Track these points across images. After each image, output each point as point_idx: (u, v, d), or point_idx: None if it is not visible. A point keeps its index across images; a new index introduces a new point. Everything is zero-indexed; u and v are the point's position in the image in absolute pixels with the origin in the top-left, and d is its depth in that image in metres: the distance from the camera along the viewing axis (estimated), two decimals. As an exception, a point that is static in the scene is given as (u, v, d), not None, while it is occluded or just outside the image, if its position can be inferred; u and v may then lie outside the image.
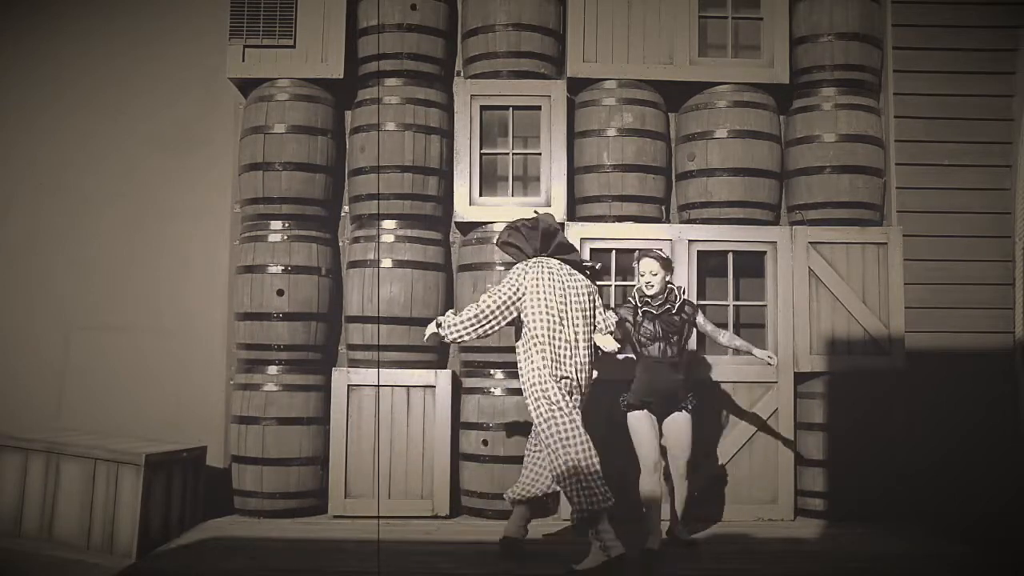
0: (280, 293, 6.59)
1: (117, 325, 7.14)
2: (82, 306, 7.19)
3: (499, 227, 6.70)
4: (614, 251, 6.70)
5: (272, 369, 6.62)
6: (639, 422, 5.55)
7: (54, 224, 7.28)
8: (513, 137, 6.85)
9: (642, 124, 6.87)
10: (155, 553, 5.71)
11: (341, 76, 6.85)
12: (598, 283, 6.70)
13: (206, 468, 6.51)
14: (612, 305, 6.19)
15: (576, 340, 5.32)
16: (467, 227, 6.91)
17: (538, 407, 5.22)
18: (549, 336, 5.26)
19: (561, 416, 5.16)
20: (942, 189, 6.93)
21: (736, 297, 6.77)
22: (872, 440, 6.53)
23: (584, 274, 5.59)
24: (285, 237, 6.69)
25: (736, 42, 7.06)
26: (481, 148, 6.81)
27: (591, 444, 5.17)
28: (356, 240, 6.86)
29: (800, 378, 6.62)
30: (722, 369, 6.58)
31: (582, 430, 5.17)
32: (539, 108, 6.81)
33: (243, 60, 6.85)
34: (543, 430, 5.19)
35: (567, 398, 5.23)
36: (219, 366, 7.01)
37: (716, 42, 7.04)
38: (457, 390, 6.65)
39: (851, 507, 6.49)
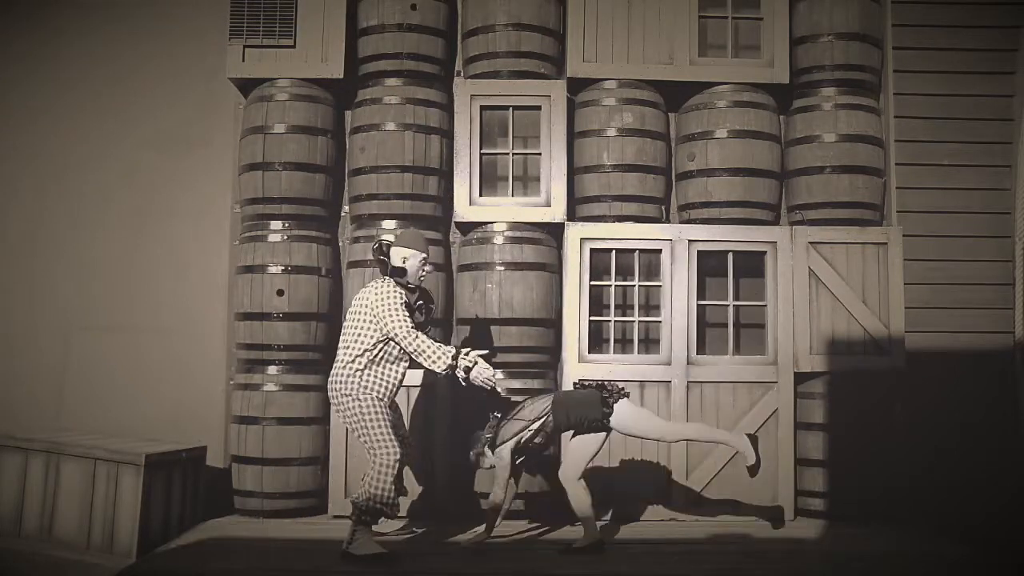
0: (280, 293, 6.59)
1: (117, 325, 7.14)
2: (82, 306, 7.19)
3: (499, 227, 6.74)
4: (614, 251, 6.70)
5: (272, 369, 6.62)
6: None
7: (54, 224, 7.28)
8: (513, 137, 6.85)
9: (642, 124, 6.87)
10: (155, 553, 5.70)
11: (341, 76, 6.85)
12: (598, 283, 6.74)
13: (206, 468, 6.51)
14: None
15: None
16: (467, 227, 6.90)
17: None
18: None
19: None
20: (942, 189, 6.93)
21: (736, 297, 6.77)
22: (872, 440, 6.53)
23: None
24: (285, 237, 6.69)
25: (736, 42, 7.05)
26: (481, 148, 6.81)
27: None
28: (356, 240, 6.86)
29: (800, 378, 6.62)
30: (722, 369, 6.58)
31: None
32: (539, 108, 6.81)
33: (243, 60, 6.84)
34: None
35: None
36: (219, 366, 7.01)
37: (716, 42, 7.04)
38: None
39: (851, 507, 6.48)
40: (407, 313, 5.41)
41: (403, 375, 5.52)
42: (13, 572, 5.86)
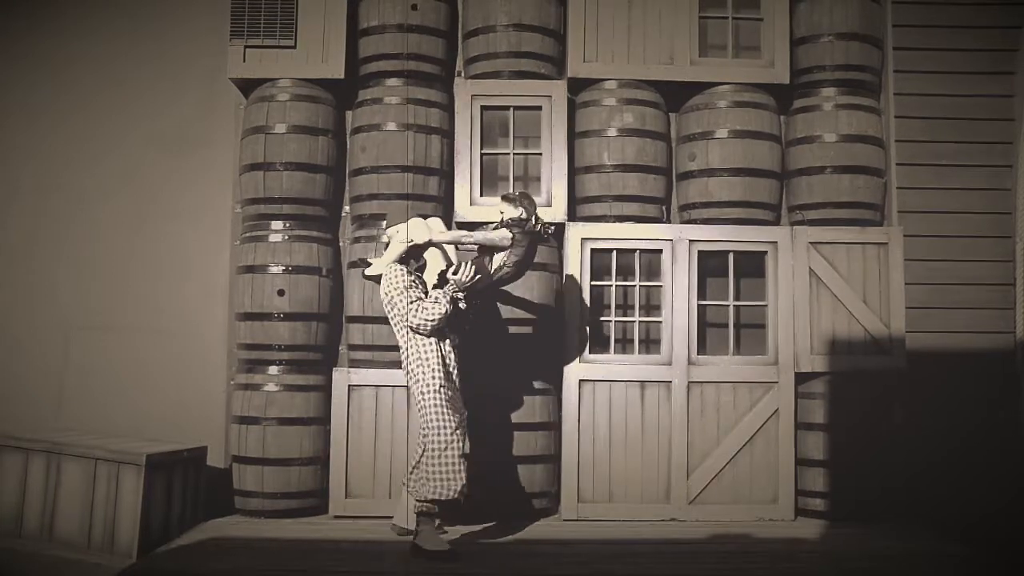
0: (281, 293, 6.59)
1: (117, 325, 7.14)
2: (82, 306, 7.19)
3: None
4: (615, 251, 6.70)
5: (273, 369, 6.62)
6: None
7: (54, 224, 7.27)
8: (514, 137, 6.85)
9: (642, 124, 6.87)
10: (155, 553, 5.71)
11: (342, 76, 6.85)
12: (599, 283, 6.74)
13: (207, 468, 6.51)
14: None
15: None
16: (467, 227, 6.90)
17: None
18: None
19: None
20: (942, 189, 6.94)
21: (736, 297, 6.77)
22: (872, 440, 6.53)
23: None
24: (286, 237, 6.69)
25: (736, 42, 7.06)
26: (482, 148, 6.81)
27: None
28: (357, 240, 6.86)
29: (800, 378, 6.63)
30: (723, 369, 6.58)
31: None
32: (540, 108, 6.81)
33: (244, 60, 6.85)
34: None
35: None
36: (219, 366, 7.01)
37: (716, 42, 7.05)
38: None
39: (851, 507, 6.49)
40: (407, 292, 5.43)
41: (451, 348, 5.55)
42: (13, 572, 5.86)
